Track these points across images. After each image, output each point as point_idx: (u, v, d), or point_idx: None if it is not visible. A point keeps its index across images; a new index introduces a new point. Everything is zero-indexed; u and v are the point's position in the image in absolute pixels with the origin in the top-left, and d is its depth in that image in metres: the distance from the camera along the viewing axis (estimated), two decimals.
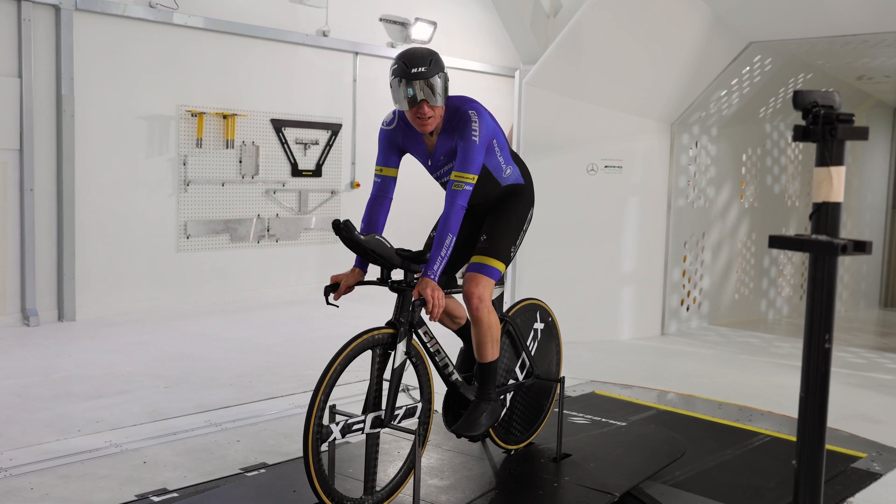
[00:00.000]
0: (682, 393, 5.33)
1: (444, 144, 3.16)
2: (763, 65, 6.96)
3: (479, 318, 3.21)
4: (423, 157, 3.26)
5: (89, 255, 7.25)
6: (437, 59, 3.05)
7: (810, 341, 1.82)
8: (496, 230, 3.31)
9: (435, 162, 3.23)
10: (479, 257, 3.27)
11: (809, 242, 1.79)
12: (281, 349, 6.23)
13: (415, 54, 3.03)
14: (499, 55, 10.52)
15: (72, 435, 4.13)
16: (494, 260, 3.25)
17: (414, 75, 2.97)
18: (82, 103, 7.12)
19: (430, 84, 2.99)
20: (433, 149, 3.20)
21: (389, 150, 3.24)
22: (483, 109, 3.14)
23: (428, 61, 3.00)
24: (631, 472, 3.49)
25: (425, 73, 2.98)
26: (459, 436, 3.28)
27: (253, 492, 3.25)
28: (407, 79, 2.98)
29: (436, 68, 3.01)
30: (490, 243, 3.27)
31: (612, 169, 6.76)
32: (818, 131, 1.84)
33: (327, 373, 2.84)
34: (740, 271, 8.18)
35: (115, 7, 7.22)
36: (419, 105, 3.01)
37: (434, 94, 3.00)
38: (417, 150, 3.24)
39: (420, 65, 2.98)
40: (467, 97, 3.19)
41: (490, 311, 3.25)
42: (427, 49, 3.09)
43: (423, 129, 3.09)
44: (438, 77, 3.01)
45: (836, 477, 3.83)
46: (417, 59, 3.00)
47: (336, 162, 9.04)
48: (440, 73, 3.02)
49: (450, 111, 3.12)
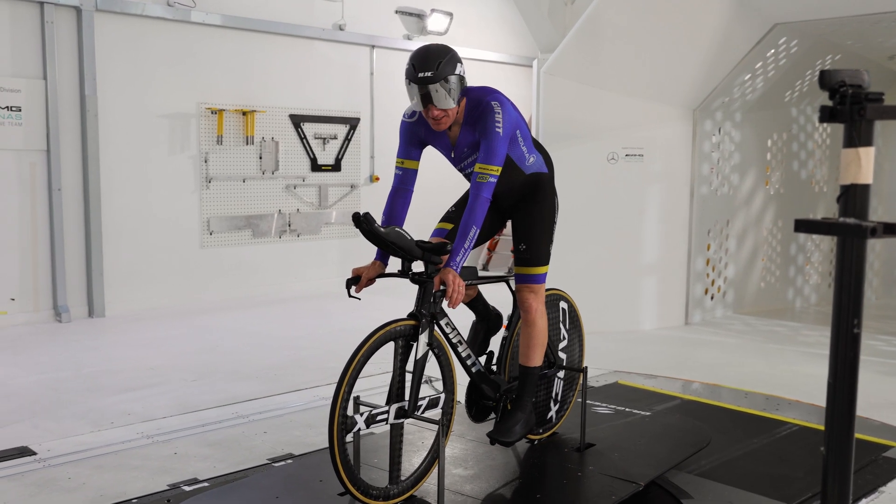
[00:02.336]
0: (707, 382, 5.28)
1: (466, 136, 3.15)
2: (789, 47, 6.82)
3: (534, 323, 3.33)
4: (447, 149, 3.26)
5: (116, 252, 7.36)
6: (448, 59, 2.99)
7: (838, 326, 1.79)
8: (533, 238, 3.34)
9: (458, 154, 3.22)
10: (524, 268, 3.34)
11: (837, 225, 1.75)
12: (304, 342, 6.28)
13: (426, 56, 2.99)
14: (516, 44, 10.46)
15: (105, 427, 4.22)
16: (538, 267, 3.35)
17: (421, 79, 2.96)
18: (105, 103, 7.21)
19: (438, 87, 2.96)
20: (456, 141, 3.19)
21: (410, 143, 3.24)
22: (505, 100, 3.12)
23: (436, 64, 2.96)
24: (656, 461, 3.47)
25: (432, 77, 2.95)
26: (493, 442, 3.32)
27: (281, 481, 3.29)
28: (415, 82, 2.98)
29: (445, 70, 2.96)
30: (531, 253, 3.33)
31: (633, 157, 6.70)
32: (846, 111, 1.80)
33: (351, 364, 2.85)
34: (766, 259, 8.07)
35: (134, 7, 7.29)
36: (427, 107, 3.01)
37: (443, 97, 2.98)
38: (440, 142, 3.24)
39: (428, 68, 2.95)
40: (489, 87, 3.17)
41: (543, 316, 3.36)
42: (440, 48, 3.04)
43: (436, 128, 3.10)
44: (448, 79, 2.97)
45: (868, 466, 3.77)
46: (427, 62, 2.96)
47: (355, 156, 9.06)
48: (450, 74, 2.98)
49: (471, 102, 3.11)
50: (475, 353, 3.37)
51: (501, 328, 3.59)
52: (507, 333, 3.56)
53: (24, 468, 3.64)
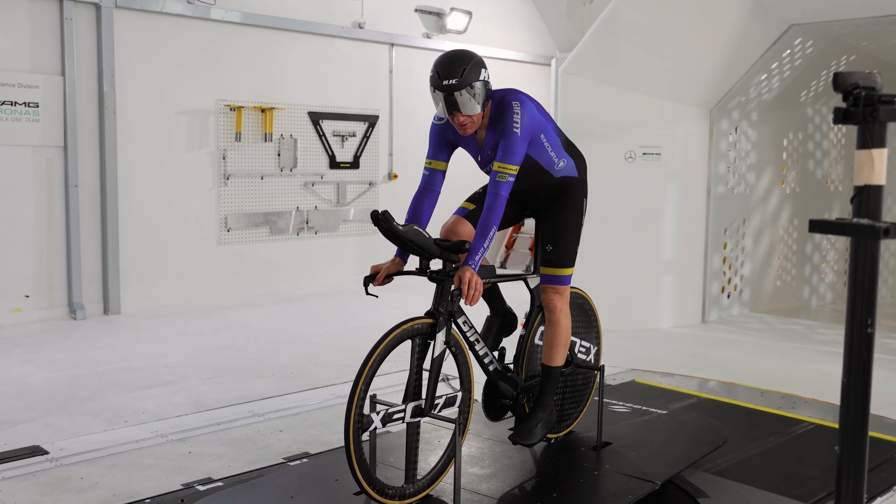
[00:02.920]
0: (724, 381, 5.27)
1: (491, 138, 3.18)
2: (804, 47, 6.78)
3: (559, 322, 3.37)
4: (474, 151, 3.29)
5: (133, 249, 7.43)
6: (472, 66, 3.00)
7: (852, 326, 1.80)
8: (560, 241, 3.37)
9: (484, 157, 3.25)
10: (550, 269, 3.37)
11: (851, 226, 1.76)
12: (321, 340, 6.32)
13: (449, 62, 3.00)
14: (535, 43, 10.44)
15: (119, 425, 4.24)
16: (565, 269, 3.38)
17: (445, 87, 2.98)
18: (123, 99, 7.28)
19: (463, 94, 2.97)
20: (483, 143, 3.22)
21: (440, 144, 3.27)
22: (528, 100, 3.14)
23: (461, 71, 2.97)
24: (672, 460, 3.47)
25: (456, 84, 2.97)
26: (515, 443, 3.35)
27: (296, 481, 3.32)
28: (439, 89, 3.00)
29: (470, 77, 2.98)
30: (558, 255, 3.36)
31: (650, 156, 6.68)
32: (859, 113, 1.80)
33: (367, 362, 2.87)
34: (782, 258, 8.02)
35: (154, 4, 7.36)
36: (452, 114, 3.04)
37: (467, 104, 3.00)
38: (468, 144, 3.26)
39: (452, 76, 2.97)
40: (514, 89, 3.18)
41: (567, 316, 3.39)
42: (464, 54, 3.04)
43: (462, 133, 3.13)
44: (473, 86, 2.98)
45: (883, 464, 3.75)
46: (450, 70, 2.98)
47: (373, 153, 9.10)
48: (475, 81, 2.99)
49: (495, 104, 3.13)
50: (488, 348, 3.39)
51: (516, 328, 3.60)
52: (524, 332, 3.58)
53: (35, 468, 3.62)
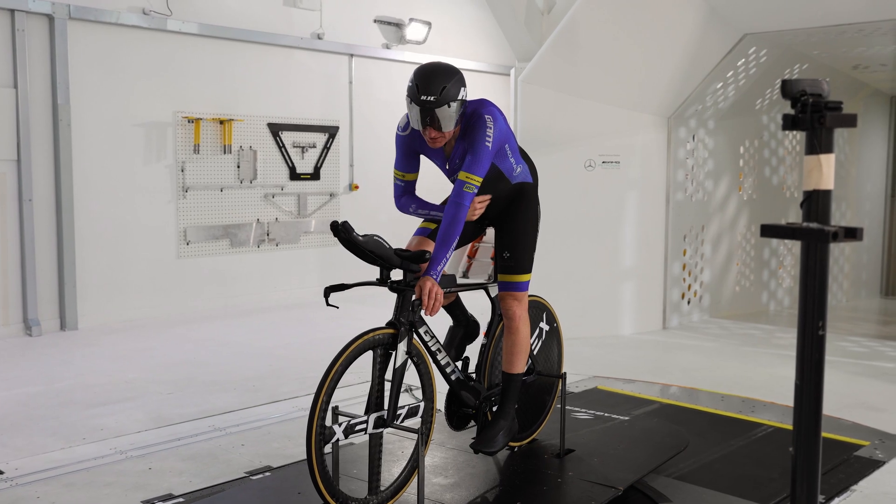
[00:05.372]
0: (685, 386, 5.34)
1: (460, 148, 3.18)
2: (758, 56, 6.95)
3: (517, 330, 3.35)
4: (441, 161, 3.29)
5: (90, 263, 7.26)
6: (454, 83, 2.99)
7: (804, 329, 1.83)
8: (517, 246, 3.37)
9: (452, 166, 3.25)
10: (508, 276, 3.36)
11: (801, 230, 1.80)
12: (283, 352, 6.24)
13: (431, 77, 2.99)
14: (494, 53, 10.52)
15: (76, 443, 4.14)
16: (522, 275, 3.37)
17: (423, 103, 2.97)
18: (78, 112, 7.13)
19: (440, 111, 2.97)
20: (450, 154, 3.22)
21: (408, 155, 3.28)
22: (499, 114, 3.15)
23: (440, 88, 2.96)
24: (635, 465, 3.50)
25: (435, 102, 2.96)
26: (477, 451, 3.34)
27: (258, 495, 3.27)
28: (417, 103, 2.99)
29: (450, 95, 2.97)
30: (515, 261, 3.36)
31: (609, 164, 6.76)
32: (807, 119, 1.85)
33: (328, 374, 2.84)
34: (740, 263, 8.18)
35: (109, 15, 7.23)
36: (426, 129, 3.04)
37: (444, 121, 3.00)
38: (435, 154, 3.26)
39: (432, 92, 2.96)
40: (485, 100, 3.19)
41: (526, 323, 3.38)
42: (446, 69, 3.03)
43: (432, 146, 3.13)
44: (450, 104, 2.98)
45: (840, 465, 3.83)
46: (430, 84, 2.97)
47: (334, 164, 9.05)
48: (454, 100, 2.98)
49: (467, 115, 3.13)
50: (451, 358, 3.38)
51: (478, 336, 3.60)
52: (486, 341, 3.58)
53: None
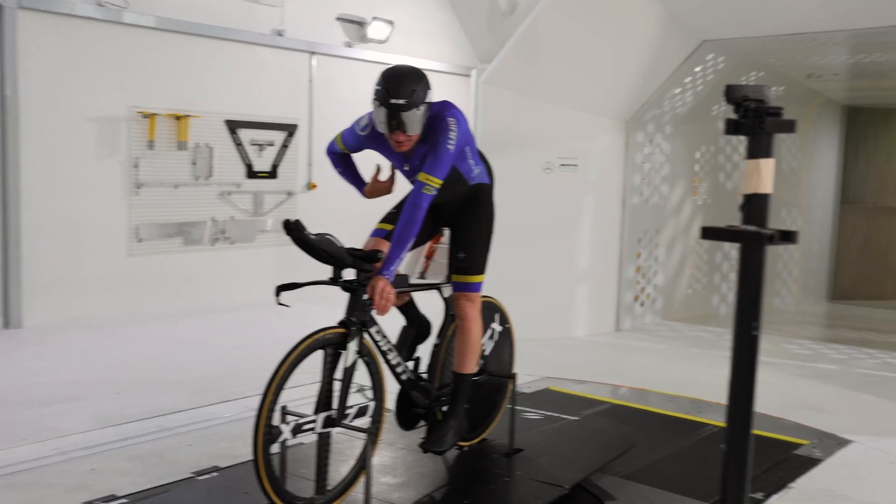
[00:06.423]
0: (635, 387, 5.42)
1: (421, 149, 3.15)
2: (716, 63, 7.10)
3: (469, 330, 3.36)
4: (399, 161, 3.26)
5: (37, 260, 7.06)
6: (422, 86, 3.00)
7: (739, 329, 1.87)
8: (472, 247, 3.39)
9: (412, 167, 3.22)
10: (462, 276, 3.37)
11: (739, 233, 1.84)
12: (237, 352, 6.16)
13: (400, 80, 2.98)
14: (456, 54, 10.54)
15: (17, 444, 4.02)
16: (476, 276, 3.39)
17: (392, 106, 2.96)
18: (28, 105, 6.93)
19: (408, 114, 2.97)
20: (411, 155, 3.20)
21: (355, 143, 3.33)
22: (462, 117, 3.16)
23: (410, 91, 2.96)
24: (582, 465, 3.54)
25: (404, 105, 2.96)
26: (426, 451, 3.33)
27: (203, 495, 3.22)
28: (385, 107, 2.98)
29: (417, 100, 2.97)
30: (470, 262, 3.37)
31: (567, 167, 6.83)
32: (748, 124, 1.89)
33: (277, 373, 2.83)
34: (693, 267, 8.34)
35: (62, 5, 7.05)
36: (394, 132, 3.02)
37: (411, 124, 3.00)
38: (394, 155, 3.24)
39: (401, 95, 2.95)
40: (448, 102, 3.19)
41: (478, 324, 3.39)
42: (414, 73, 3.04)
43: (397, 149, 3.12)
44: (419, 108, 2.98)
45: (779, 464, 3.93)
46: (399, 88, 2.96)
47: (292, 163, 8.96)
48: (422, 103, 2.99)
49: (429, 117, 3.11)
50: (403, 358, 3.38)
51: (430, 336, 3.60)
52: (438, 341, 3.58)
53: None
